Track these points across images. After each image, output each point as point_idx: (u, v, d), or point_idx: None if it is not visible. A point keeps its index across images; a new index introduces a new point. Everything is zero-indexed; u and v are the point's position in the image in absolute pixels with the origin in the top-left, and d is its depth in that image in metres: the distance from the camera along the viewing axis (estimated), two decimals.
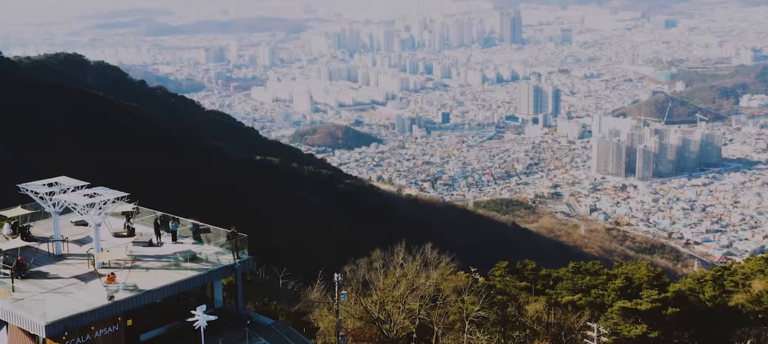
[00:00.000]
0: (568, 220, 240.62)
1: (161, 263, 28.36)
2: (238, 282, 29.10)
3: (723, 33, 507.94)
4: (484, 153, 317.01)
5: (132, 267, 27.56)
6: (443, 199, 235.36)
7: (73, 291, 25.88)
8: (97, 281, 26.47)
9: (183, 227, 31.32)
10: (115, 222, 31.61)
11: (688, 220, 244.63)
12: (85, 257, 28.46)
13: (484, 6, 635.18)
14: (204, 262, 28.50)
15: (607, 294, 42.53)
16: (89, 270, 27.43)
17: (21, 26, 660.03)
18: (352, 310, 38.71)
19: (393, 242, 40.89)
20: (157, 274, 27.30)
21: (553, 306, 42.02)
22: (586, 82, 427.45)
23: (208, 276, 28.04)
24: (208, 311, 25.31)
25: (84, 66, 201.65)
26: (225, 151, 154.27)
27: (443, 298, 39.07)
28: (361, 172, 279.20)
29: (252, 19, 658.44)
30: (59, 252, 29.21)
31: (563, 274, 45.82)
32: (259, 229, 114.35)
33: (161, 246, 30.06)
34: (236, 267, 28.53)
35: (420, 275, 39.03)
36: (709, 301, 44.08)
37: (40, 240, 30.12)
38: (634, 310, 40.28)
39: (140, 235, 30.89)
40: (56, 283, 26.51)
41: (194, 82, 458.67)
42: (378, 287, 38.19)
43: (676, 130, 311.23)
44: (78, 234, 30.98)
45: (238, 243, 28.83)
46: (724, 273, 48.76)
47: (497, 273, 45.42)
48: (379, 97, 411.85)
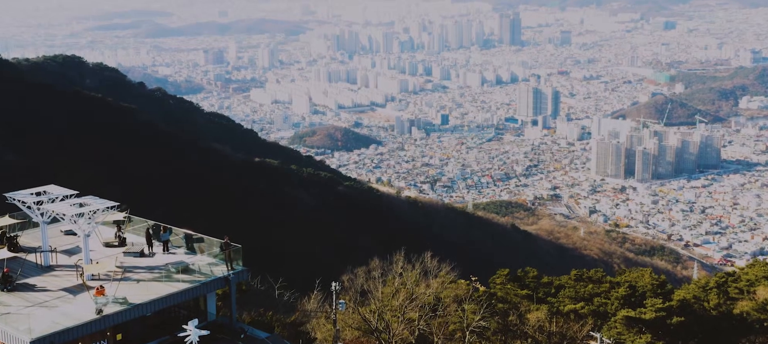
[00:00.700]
0: (567, 222, 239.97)
1: (153, 274, 27.51)
2: (232, 294, 28.22)
3: (722, 35, 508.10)
4: (484, 154, 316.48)
5: (122, 279, 26.69)
6: (442, 201, 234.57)
7: (61, 304, 25.03)
8: (85, 294, 25.61)
9: (176, 236, 30.47)
10: (105, 232, 30.76)
11: (687, 222, 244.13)
12: (74, 268, 27.60)
13: (483, 8, 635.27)
14: (197, 274, 27.66)
15: (611, 303, 41.67)
16: (78, 283, 26.57)
17: (20, 27, 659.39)
18: (349, 320, 37.88)
19: (392, 244, 40.09)
20: (148, 286, 26.44)
21: (555, 314, 41.15)
22: (585, 83, 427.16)
23: (200, 288, 27.18)
24: (201, 324, 24.46)
25: (83, 67, 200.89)
26: (224, 152, 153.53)
27: (443, 308, 38.23)
28: (360, 173, 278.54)
29: (251, 21, 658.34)
30: (47, 263, 28.36)
31: (565, 282, 44.93)
32: (257, 231, 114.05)
33: (153, 256, 29.21)
34: (230, 278, 27.67)
35: (419, 284, 38.21)
36: (714, 309, 43.25)
37: (28, 251, 29.25)
38: (638, 319, 39.41)
39: (131, 245, 30.04)
40: (43, 296, 25.65)
41: (193, 84, 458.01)
42: (376, 297, 37.36)
43: (675, 131, 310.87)
44: (68, 244, 30.14)
45: (232, 253, 27.97)
46: (727, 280, 47.97)
47: (498, 280, 44.54)
48: (378, 99, 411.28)
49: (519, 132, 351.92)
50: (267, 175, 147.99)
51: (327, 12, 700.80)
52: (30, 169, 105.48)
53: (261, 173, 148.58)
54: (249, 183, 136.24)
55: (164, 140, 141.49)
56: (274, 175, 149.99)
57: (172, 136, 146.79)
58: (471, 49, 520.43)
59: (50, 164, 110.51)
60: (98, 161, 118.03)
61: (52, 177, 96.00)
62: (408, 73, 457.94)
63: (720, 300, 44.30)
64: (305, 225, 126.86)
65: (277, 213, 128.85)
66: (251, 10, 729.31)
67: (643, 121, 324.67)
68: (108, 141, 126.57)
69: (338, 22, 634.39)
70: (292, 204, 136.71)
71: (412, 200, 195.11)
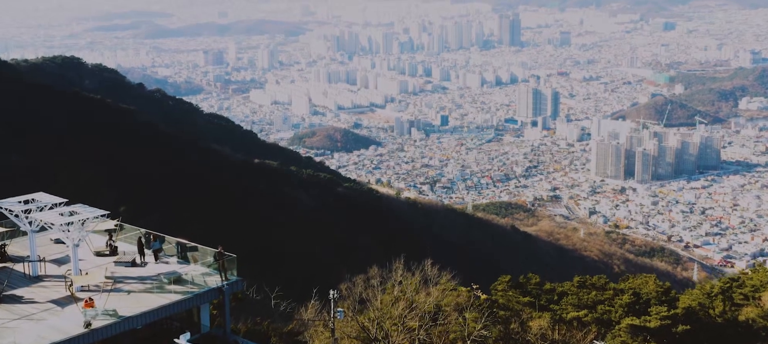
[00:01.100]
0: (567, 223, 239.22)
1: (144, 285, 26.67)
2: (226, 305, 27.37)
3: (722, 35, 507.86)
4: (483, 155, 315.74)
5: (112, 291, 25.84)
6: (442, 202, 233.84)
7: (48, 317, 24.20)
8: (74, 306, 24.76)
9: (169, 245, 29.62)
10: (97, 240, 29.91)
11: (687, 223, 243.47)
12: (63, 279, 26.74)
13: (482, 8, 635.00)
14: (190, 284, 26.81)
15: (615, 310, 40.87)
16: (66, 294, 25.72)
17: (20, 28, 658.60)
18: (348, 329, 37.04)
19: (392, 244, 39.27)
20: (138, 298, 25.59)
21: (558, 322, 40.37)
22: (585, 84, 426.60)
23: (193, 299, 26.34)
24: (194, 337, 23.67)
25: (82, 69, 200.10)
26: (224, 153, 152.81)
27: (444, 317, 37.41)
28: (360, 174, 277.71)
29: (251, 22, 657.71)
30: (36, 274, 27.52)
31: (568, 289, 44.10)
32: (257, 231, 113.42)
33: (145, 266, 28.36)
34: (224, 289, 26.83)
35: (419, 292, 37.38)
36: (720, 317, 42.48)
37: (16, 260, 28.39)
38: (643, 327, 38.62)
39: (123, 254, 29.19)
40: (30, 308, 24.81)
41: (193, 85, 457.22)
42: (375, 305, 36.52)
43: (675, 132, 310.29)
44: (57, 252, 29.29)
45: (226, 263, 27.12)
46: (732, 285, 47.23)
47: (500, 287, 43.72)
48: (377, 100, 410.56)
49: (519, 133, 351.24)
50: (266, 176, 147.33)
51: (327, 13, 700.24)
52: (30, 169, 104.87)
53: (261, 174, 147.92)
54: (249, 184, 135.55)
55: (164, 140, 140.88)
56: (273, 176, 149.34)
57: (172, 137, 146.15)
58: (471, 50, 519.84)
59: (50, 164, 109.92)
60: (98, 161, 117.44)
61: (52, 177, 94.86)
62: (408, 74, 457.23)
63: (725, 307, 43.54)
64: (305, 226, 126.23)
65: (277, 214, 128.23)
66: (251, 10, 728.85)
67: (643, 122, 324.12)
68: (108, 141, 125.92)
69: (338, 23, 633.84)
70: (292, 205, 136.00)
71: (412, 201, 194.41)
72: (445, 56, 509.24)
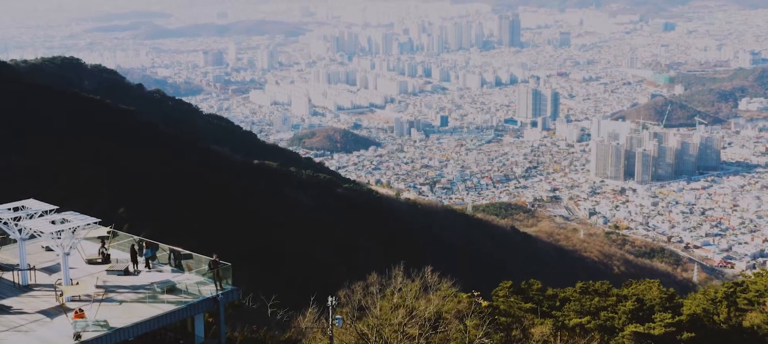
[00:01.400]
0: (567, 224, 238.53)
1: (137, 295, 25.95)
2: (221, 315, 26.67)
3: (721, 36, 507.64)
4: (483, 156, 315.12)
5: (103, 300, 25.14)
6: (442, 203, 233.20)
7: (36, 328, 23.50)
8: (63, 317, 24.06)
9: (163, 252, 28.91)
10: (89, 247, 29.20)
11: (687, 224, 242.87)
12: (52, 288, 26.03)
13: (482, 9, 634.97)
14: (184, 294, 26.11)
15: (618, 317, 40.21)
16: (56, 304, 25.02)
17: (19, 29, 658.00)
18: (346, 337, 36.35)
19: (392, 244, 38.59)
20: (131, 308, 24.89)
21: (561, 329, 39.66)
22: (584, 85, 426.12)
23: (187, 309, 25.63)
24: None
25: (81, 69, 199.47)
26: (223, 153, 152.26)
27: (445, 324, 36.71)
28: (360, 175, 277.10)
29: (250, 22, 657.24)
30: (25, 283, 26.82)
31: (570, 295, 43.45)
32: (256, 232, 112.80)
33: (138, 274, 27.66)
34: (219, 299, 26.13)
35: (419, 299, 36.69)
36: (724, 323, 41.82)
37: (6, 268, 27.69)
38: (647, 334, 37.99)
39: (116, 262, 28.48)
40: (18, 319, 24.11)
41: (192, 85, 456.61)
42: (374, 312, 35.84)
43: (675, 133, 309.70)
44: (48, 260, 28.59)
45: (221, 272, 26.42)
46: (736, 290, 46.62)
47: (501, 293, 43.05)
48: (377, 101, 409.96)
49: (518, 133, 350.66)
50: (266, 176, 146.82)
51: (326, 13, 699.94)
52: (30, 169, 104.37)
53: (260, 174, 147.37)
54: (249, 184, 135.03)
55: (164, 141, 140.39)
56: (273, 176, 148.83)
57: (172, 137, 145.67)
58: (470, 51, 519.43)
59: (50, 164, 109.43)
60: (98, 161, 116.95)
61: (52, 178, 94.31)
62: (407, 75, 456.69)
63: (730, 312, 42.89)
64: (305, 226, 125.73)
65: (277, 214, 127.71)
66: (250, 11, 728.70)
67: (643, 123, 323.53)
68: (108, 141, 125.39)
69: (338, 24, 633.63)
70: (291, 205, 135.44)
71: (412, 202, 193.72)
72: (444, 57, 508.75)
